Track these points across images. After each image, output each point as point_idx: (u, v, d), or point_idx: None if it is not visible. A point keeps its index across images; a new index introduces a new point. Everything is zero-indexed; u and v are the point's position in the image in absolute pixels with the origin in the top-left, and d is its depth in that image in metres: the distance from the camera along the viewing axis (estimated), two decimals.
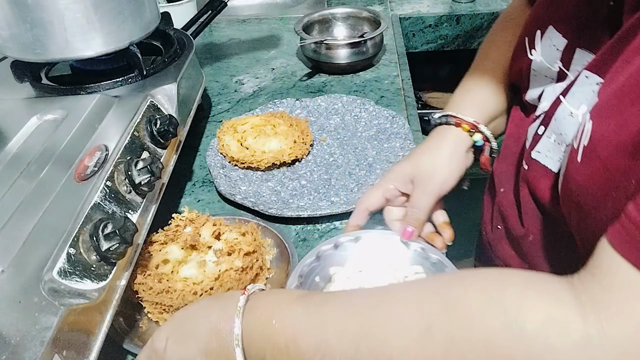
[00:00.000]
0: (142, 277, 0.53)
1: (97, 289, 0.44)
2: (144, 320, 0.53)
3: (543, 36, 0.49)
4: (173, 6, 1.10)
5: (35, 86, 0.68)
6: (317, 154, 0.77)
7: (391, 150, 0.75)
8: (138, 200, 0.53)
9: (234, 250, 0.55)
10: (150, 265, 0.54)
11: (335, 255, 0.55)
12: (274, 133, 0.75)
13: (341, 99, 0.86)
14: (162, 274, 0.53)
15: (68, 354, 0.39)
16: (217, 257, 0.55)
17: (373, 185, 0.60)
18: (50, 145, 0.55)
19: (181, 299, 0.51)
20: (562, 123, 0.43)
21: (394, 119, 0.80)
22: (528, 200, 0.50)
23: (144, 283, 0.52)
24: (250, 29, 1.23)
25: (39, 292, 0.40)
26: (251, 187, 0.71)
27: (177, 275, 0.53)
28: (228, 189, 0.69)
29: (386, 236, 0.55)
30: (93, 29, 0.62)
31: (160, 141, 0.61)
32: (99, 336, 0.43)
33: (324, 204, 0.66)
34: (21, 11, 0.59)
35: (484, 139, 0.59)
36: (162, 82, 0.67)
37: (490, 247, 0.64)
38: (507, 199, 0.56)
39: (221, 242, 0.57)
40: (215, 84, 1.00)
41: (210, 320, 0.40)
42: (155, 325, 0.53)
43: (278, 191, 0.70)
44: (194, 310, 0.43)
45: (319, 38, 0.97)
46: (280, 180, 0.72)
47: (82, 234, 0.44)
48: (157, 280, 0.52)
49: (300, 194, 0.69)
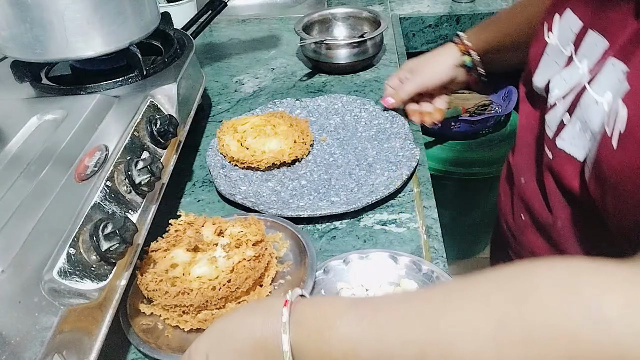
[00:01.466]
0: (154, 284, 0.52)
1: (97, 289, 0.44)
2: (167, 329, 0.53)
3: (561, 17, 0.51)
4: (173, 6, 1.10)
5: (35, 86, 0.68)
6: (317, 154, 0.77)
7: (391, 150, 0.75)
8: (138, 200, 0.53)
9: (241, 242, 0.55)
10: (159, 271, 0.53)
11: (344, 271, 0.55)
12: (274, 133, 0.75)
13: (341, 99, 0.86)
14: (174, 277, 0.53)
15: (68, 354, 0.39)
16: (226, 252, 0.55)
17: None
18: (50, 145, 0.55)
19: (200, 296, 0.50)
20: (587, 111, 0.43)
21: (394, 119, 0.80)
22: (553, 188, 0.51)
23: (158, 289, 0.51)
24: (250, 29, 1.23)
25: (39, 292, 0.40)
26: (251, 187, 0.71)
27: (189, 276, 0.53)
28: (228, 189, 0.69)
29: (395, 257, 0.55)
30: (93, 29, 0.62)
31: (160, 141, 0.61)
32: (99, 336, 0.43)
33: (324, 204, 0.66)
34: (21, 11, 0.59)
35: (473, 63, 0.76)
36: (162, 82, 0.67)
37: (514, 237, 0.65)
38: (529, 189, 0.57)
39: (226, 238, 0.57)
40: (215, 84, 1.00)
41: (253, 336, 0.38)
42: (179, 331, 0.52)
43: (278, 191, 0.70)
44: (233, 323, 0.40)
45: (319, 38, 0.97)
46: (280, 180, 0.72)
47: (82, 234, 0.44)
48: (170, 284, 0.52)
49: (300, 194, 0.69)
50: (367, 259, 0.55)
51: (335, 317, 0.35)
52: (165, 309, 0.52)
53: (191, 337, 0.51)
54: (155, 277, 0.53)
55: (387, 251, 0.55)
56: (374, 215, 0.66)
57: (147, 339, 0.51)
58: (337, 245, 0.61)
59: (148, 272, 0.54)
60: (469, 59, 0.76)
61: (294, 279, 0.56)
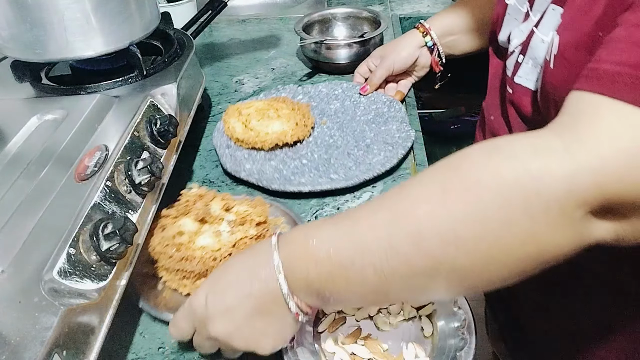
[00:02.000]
0: (161, 247, 0.55)
1: (97, 289, 0.44)
2: (166, 290, 0.56)
3: None
4: (173, 6, 1.10)
5: (35, 86, 0.68)
6: (317, 136, 0.81)
7: (388, 132, 0.79)
8: (138, 200, 0.53)
9: (245, 220, 0.58)
10: (167, 236, 0.56)
11: None
12: (277, 116, 0.78)
13: (341, 85, 0.90)
14: (179, 243, 0.56)
15: (68, 354, 0.39)
16: (230, 227, 0.57)
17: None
18: (50, 145, 0.55)
19: (202, 264, 0.53)
20: (536, 49, 0.53)
21: (391, 104, 0.85)
22: (515, 117, 0.59)
23: (164, 252, 0.55)
24: (250, 29, 1.23)
25: (39, 292, 0.40)
26: (255, 166, 0.74)
27: (194, 244, 0.56)
28: (233, 167, 0.72)
29: None
30: (93, 29, 0.62)
31: (160, 141, 0.61)
32: (99, 336, 0.43)
33: (324, 180, 0.70)
34: (21, 11, 0.59)
35: (432, 42, 0.85)
36: (162, 82, 0.67)
37: None
38: (497, 123, 0.65)
39: (233, 214, 0.59)
40: (215, 84, 1.00)
41: (246, 267, 0.43)
42: (177, 293, 0.55)
43: (280, 169, 0.74)
44: (227, 266, 0.45)
45: (319, 38, 0.97)
46: (283, 159, 0.76)
47: (82, 234, 0.44)
48: (175, 249, 0.55)
49: (301, 171, 0.73)
50: None
51: (316, 229, 0.41)
52: (168, 272, 0.55)
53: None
54: (163, 240, 0.56)
55: None
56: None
57: (147, 296, 0.55)
58: None
59: (156, 236, 0.57)
60: (429, 39, 0.85)
61: None
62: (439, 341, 0.49)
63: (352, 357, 0.48)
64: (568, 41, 0.46)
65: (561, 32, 0.48)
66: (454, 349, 0.47)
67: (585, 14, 0.44)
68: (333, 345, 0.49)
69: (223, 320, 0.42)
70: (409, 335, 0.50)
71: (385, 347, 0.49)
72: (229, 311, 0.42)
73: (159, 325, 0.55)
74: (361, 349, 0.49)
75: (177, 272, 0.54)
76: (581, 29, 0.44)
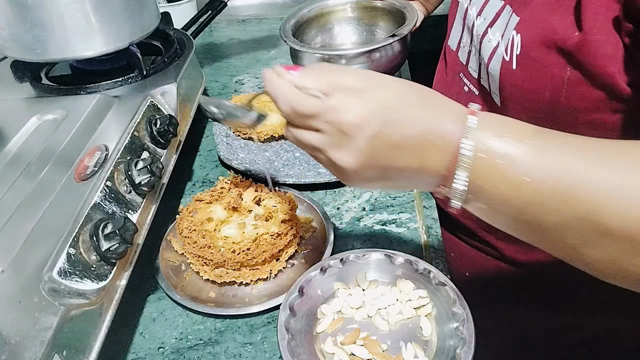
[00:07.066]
0: (187, 231, 0.58)
1: (97, 289, 0.44)
2: (188, 271, 0.59)
3: None
4: (173, 6, 1.10)
5: (35, 86, 0.68)
6: None
7: None
8: (138, 200, 0.53)
9: (271, 216, 0.60)
10: (196, 221, 0.59)
11: (341, 271, 0.55)
12: (275, 109, 0.77)
13: None
14: (205, 230, 0.58)
15: (68, 354, 0.39)
16: (255, 221, 0.59)
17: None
18: (50, 145, 0.55)
19: (220, 255, 0.55)
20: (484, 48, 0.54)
21: None
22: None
23: (190, 237, 0.57)
24: (250, 29, 1.23)
25: (39, 292, 0.40)
26: (249, 155, 0.76)
27: (219, 233, 0.58)
28: (227, 155, 0.75)
29: (391, 256, 0.55)
30: (93, 29, 0.62)
31: (160, 141, 0.61)
32: (99, 336, 0.43)
33: (311, 174, 0.71)
34: (21, 11, 0.59)
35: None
36: (162, 82, 0.67)
37: None
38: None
39: (261, 208, 0.62)
40: (215, 84, 1.00)
41: (426, 129, 0.37)
42: (197, 277, 0.58)
43: (272, 160, 0.75)
44: (403, 119, 0.37)
45: (321, 50, 0.84)
46: (277, 151, 0.77)
47: (82, 234, 0.45)
48: (201, 235, 0.57)
49: (292, 164, 0.74)
50: (363, 259, 0.55)
51: (516, 141, 0.35)
52: (191, 255, 0.58)
53: (206, 287, 0.57)
54: (191, 225, 0.59)
55: (384, 251, 0.55)
56: (374, 215, 0.66)
57: (168, 274, 0.58)
58: (337, 244, 0.62)
59: (185, 219, 0.60)
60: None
61: (307, 264, 0.59)
62: (438, 341, 0.49)
63: (352, 358, 0.48)
64: (534, 40, 0.46)
65: (522, 30, 0.47)
66: (453, 349, 0.47)
67: (556, 10, 0.44)
68: (332, 346, 0.49)
69: (367, 170, 0.38)
70: (408, 335, 0.50)
71: (385, 347, 0.49)
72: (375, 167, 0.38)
73: (159, 325, 0.55)
74: (360, 349, 0.48)
75: (199, 257, 0.56)
76: (552, 26, 0.44)
